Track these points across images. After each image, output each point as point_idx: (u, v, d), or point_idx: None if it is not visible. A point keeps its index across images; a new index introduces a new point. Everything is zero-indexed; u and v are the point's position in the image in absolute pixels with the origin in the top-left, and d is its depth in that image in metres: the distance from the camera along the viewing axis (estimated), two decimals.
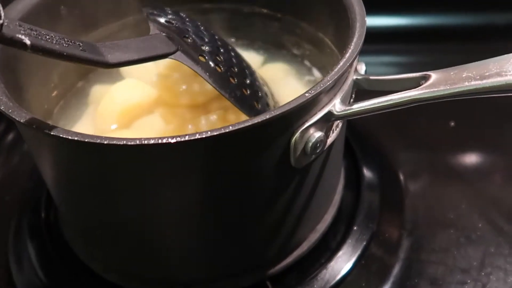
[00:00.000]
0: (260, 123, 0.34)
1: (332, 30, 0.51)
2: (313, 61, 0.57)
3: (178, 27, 0.45)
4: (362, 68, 0.44)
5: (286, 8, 0.57)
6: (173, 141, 0.33)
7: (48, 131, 0.34)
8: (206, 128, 0.46)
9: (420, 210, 0.56)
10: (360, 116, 0.40)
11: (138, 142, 0.33)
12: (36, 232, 0.55)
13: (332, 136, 0.42)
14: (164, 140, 0.33)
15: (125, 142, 0.33)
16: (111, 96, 0.51)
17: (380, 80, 0.43)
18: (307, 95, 0.36)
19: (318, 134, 0.38)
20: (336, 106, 0.39)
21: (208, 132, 0.33)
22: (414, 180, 0.59)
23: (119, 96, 0.51)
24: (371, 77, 0.43)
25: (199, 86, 0.51)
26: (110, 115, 0.50)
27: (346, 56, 0.39)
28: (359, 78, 0.43)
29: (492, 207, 0.55)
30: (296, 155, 0.39)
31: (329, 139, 0.41)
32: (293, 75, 0.57)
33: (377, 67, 0.76)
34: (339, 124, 0.42)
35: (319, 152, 0.40)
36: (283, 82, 0.55)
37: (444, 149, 0.62)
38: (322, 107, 0.38)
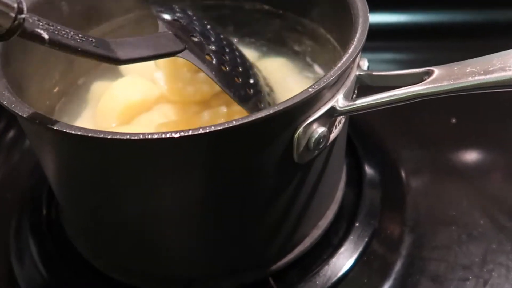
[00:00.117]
0: (263, 118, 0.34)
1: (334, 26, 0.51)
2: (314, 57, 0.57)
3: (185, 26, 0.46)
4: (365, 64, 0.44)
5: (288, 4, 0.57)
6: (176, 135, 0.33)
7: (51, 126, 0.34)
8: (208, 124, 0.46)
9: (422, 207, 0.56)
10: (363, 111, 0.39)
11: (141, 137, 0.33)
12: (38, 229, 0.55)
13: (335, 131, 0.42)
14: (168, 135, 0.33)
15: (128, 137, 0.33)
16: (111, 93, 0.51)
17: (382, 75, 0.43)
18: (310, 90, 0.36)
19: (321, 130, 0.38)
20: (339, 101, 0.39)
21: (212, 127, 0.33)
22: (415, 177, 0.59)
23: (120, 93, 0.51)
24: (374, 72, 0.43)
25: (199, 83, 0.51)
26: (111, 112, 0.50)
27: (349, 51, 0.39)
28: (362, 73, 0.43)
29: (494, 204, 0.55)
30: (299, 151, 0.39)
31: (332, 135, 0.41)
32: (294, 72, 0.57)
33: (378, 64, 0.76)
34: (342, 119, 0.42)
35: (322, 147, 0.40)
36: (284, 79, 0.55)
37: (446, 146, 0.62)
38: (325, 103, 0.38)
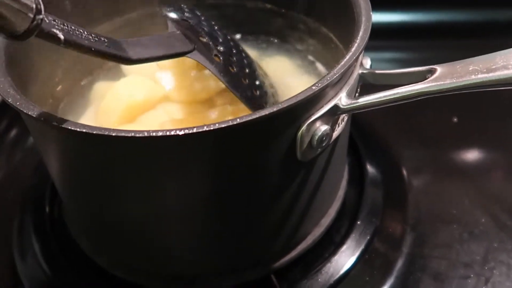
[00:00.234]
0: (268, 115, 0.34)
1: (337, 25, 0.51)
2: (316, 56, 0.57)
3: (194, 26, 0.46)
4: (368, 62, 0.45)
5: (290, 3, 0.57)
6: (181, 133, 0.33)
7: (56, 124, 0.34)
8: (212, 122, 0.46)
9: (423, 205, 0.56)
10: (366, 109, 0.40)
11: (146, 134, 0.33)
12: (41, 228, 0.55)
13: (338, 130, 0.42)
14: (173, 132, 0.33)
15: (133, 134, 0.33)
16: (114, 93, 0.51)
17: (385, 74, 0.43)
18: (314, 88, 0.36)
19: (324, 128, 0.39)
20: (342, 99, 0.39)
21: (216, 124, 0.33)
22: (417, 176, 0.59)
23: (123, 92, 0.51)
24: (377, 71, 0.43)
25: (206, 80, 0.51)
26: (114, 111, 0.50)
27: (352, 49, 0.39)
28: (364, 72, 0.43)
29: (495, 203, 0.56)
30: (302, 149, 0.39)
31: (334, 133, 0.41)
32: (296, 70, 0.57)
33: (380, 64, 0.76)
34: (345, 118, 0.43)
35: (325, 145, 0.40)
36: (287, 77, 0.55)
37: (448, 145, 0.62)
38: (329, 101, 0.39)
